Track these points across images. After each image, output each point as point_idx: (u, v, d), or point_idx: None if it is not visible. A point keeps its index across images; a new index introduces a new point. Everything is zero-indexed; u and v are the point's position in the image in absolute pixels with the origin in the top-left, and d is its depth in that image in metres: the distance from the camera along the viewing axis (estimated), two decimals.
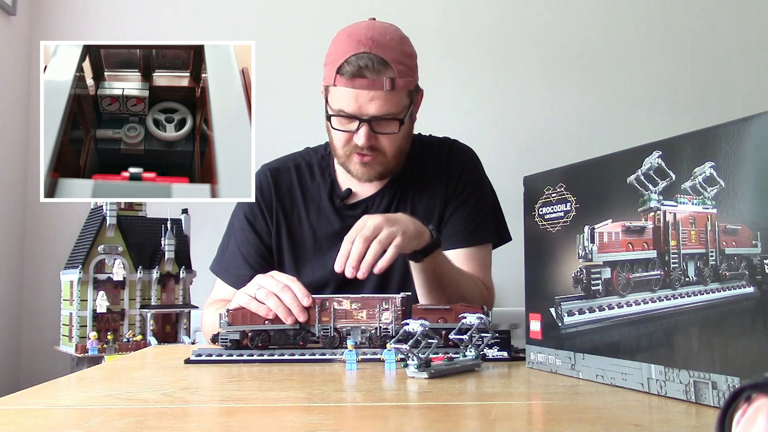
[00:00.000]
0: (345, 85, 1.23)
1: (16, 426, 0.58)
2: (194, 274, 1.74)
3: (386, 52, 1.23)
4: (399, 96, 1.25)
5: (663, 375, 0.67)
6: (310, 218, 1.38)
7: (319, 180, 1.41)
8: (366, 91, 1.22)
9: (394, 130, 1.27)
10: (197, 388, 0.76)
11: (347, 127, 1.27)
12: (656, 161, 0.69)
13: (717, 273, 0.63)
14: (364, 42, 1.23)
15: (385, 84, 1.22)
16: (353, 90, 1.22)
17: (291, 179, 1.41)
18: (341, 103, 1.24)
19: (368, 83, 1.22)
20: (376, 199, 1.39)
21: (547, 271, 0.85)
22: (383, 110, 1.23)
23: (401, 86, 1.24)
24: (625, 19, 2.24)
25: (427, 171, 1.41)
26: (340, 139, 1.29)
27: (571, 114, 2.20)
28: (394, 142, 1.29)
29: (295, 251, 1.38)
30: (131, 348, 1.55)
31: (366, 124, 1.24)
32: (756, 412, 0.33)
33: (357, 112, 1.23)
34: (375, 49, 1.22)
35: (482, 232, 1.39)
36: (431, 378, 0.80)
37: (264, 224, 1.39)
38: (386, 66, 1.22)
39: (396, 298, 1.03)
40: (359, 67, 1.21)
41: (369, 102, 1.22)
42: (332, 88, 1.26)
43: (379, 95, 1.22)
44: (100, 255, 1.61)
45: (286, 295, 1.03)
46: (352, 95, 1.22)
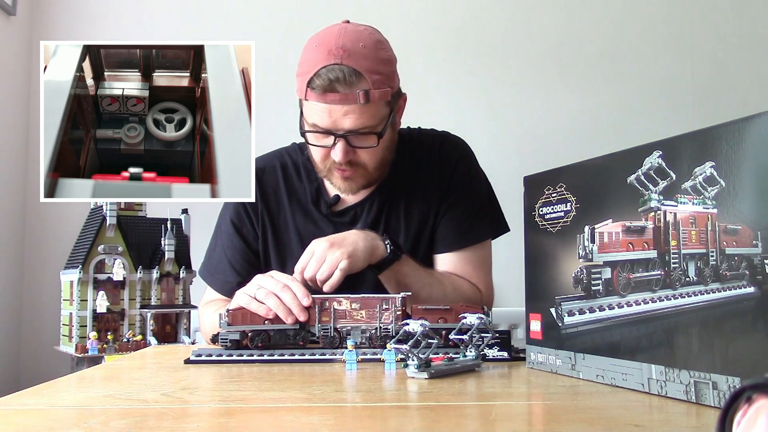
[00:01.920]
0: (317, 99, 1.15)
1: (16, 426, 0.58)
2: (194, 274, 1.74)
3: (359, 62, 1.14)
4: (375, 108, 1.17)
5: (663, 375, 0.67)
6: (296, 222, 1.33)
7: (306, 183, 1.35)
8: (339, 106, 1.14)
9: (372, 144, 1.19)
10: (197, 388, 0.76)
11: (323, 142, 1.20)
12: (656, 161, 0.69)
13: (717, 273, 0.63)
14: (335, 52, 1.14)
15: (360, 97, 1.13)
16: (325, 105, 1.15)
17: (277, 180, 1.35)
18: (314, 117, 1.17)
19: (341, 97, 1.14)
20: (365, 205, 1.33)
21: (548, 271, 0.85)
22: (358, 124, 1.16)
23: (376, 98, 1.15)
24: (625, 19, 2.24)
25: (420, 173, 1.35)
26: (318, 154, 1.23)
27: (571, 114, 2.20)
28: (374, 155, 1.22)
29: (281, 255, 1.34)
30: (131, 348, 1.55)
31: (342, 140, 1.17)
32: (756, 413, 0.33)
33: (331, 126, 1.16)
34: (347, 59, 1.14)
35: (476, 232, 1.34)
36: (431, 378, 0.80)
37: (251, 228, 1.34)
38: (359, 77, 1.14)
39: (396, 298, 1.03)
40: (330, 80, 1.13)
41: (343, 117, 1.15)
42: (305, 101, 1.19)
43: (353, 109, 1.14)
44: (100, 255, 1.61)
45: (286, 295, 1.04)
46: (325, 110, 1.15)
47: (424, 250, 1.34)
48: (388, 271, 1.20)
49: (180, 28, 2.15)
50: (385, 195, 1.33)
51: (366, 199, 1.32)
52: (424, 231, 1.33)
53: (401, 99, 1.28)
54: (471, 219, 1.33)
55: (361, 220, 1.31)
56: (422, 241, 1.33)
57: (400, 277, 1.22)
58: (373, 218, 1.32)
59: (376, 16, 2.17)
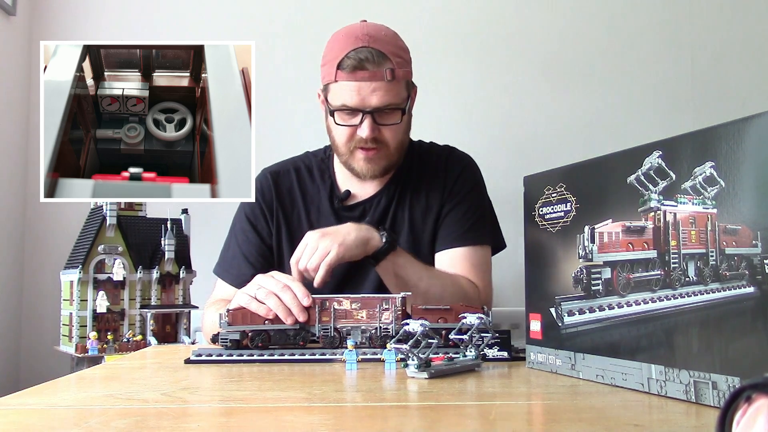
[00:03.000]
0: (347, 78, 1.25)
1: (16, 426, 0.58)
2: (194, 274, 1.74)
3: (384, 46, 1.27)
4: (399, 86, 1.28)
5: (663, 375, 0.67)
6: (310, 219, 1.40)
7: (318, 182, 1.43)
8: (368, 83, 1.25)
9: (396, 121, 1.30)
10: (197, 388, 0.76)
11: (350, 121, 1.29)
12: (656, 161, 0.69)
13: (717, 273, 0.63)
14: (362, 38, 1.26)
15: (386, 75, 1.25)
16: (355, 83, 1.25)
17: (291, 181, 1.43)
18: (344, 97, 1.27)
19: (369, 75, 1.25)
20: (374, 200, 1.41)
21: (548, 271, 0.85)
22: (385, 101, 1.26)
23: (401, 76, 1.28)
24: (625, 19, 2.24)
25: (426, 174, 1.42)
26: (342, 135, 1.31)
27: (571, 114, 2.20)
28: (396, 133, 1.31)
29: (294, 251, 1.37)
30: (131, 348, 1.55)
31: (369, 116, 1.26)
32: (756, 412, 0.33)
33: (360, 104, 1.26)
34: (373, 43, 1.26)
35: (477, 233, 1.39)
36: (431, 378, 0.80)
37: (265, 224, 1.41)
38: (385, 58, 1.26)
39: (396, 298, 1.03)
40: (360, 60, 1.24)
41: (371, 93, 1.25)
42: (333, 85, 1.28)
43: (380, 86, 1.25)
44: (100, 255, 1.61)
45: (286, 295, 1.04)
46: (355, 88, 1.25)
47: (427, 249, 1.38)
48: (385, 262, 1.21)
49: (180, 28, 2.15)
50: (393, 192, 1.40)
51: (375, 196, 1.40)
52: (426, 230, 1.38)
53: (413, 90, 1.38)
54: (473, 221, 1.38)
55: (369, 214, 1.38)
56: (424, 239, 1.38)
57: (398, 268, 1.23)
58: (380, 214, 1.39)
59: (375, 17, 2.17)
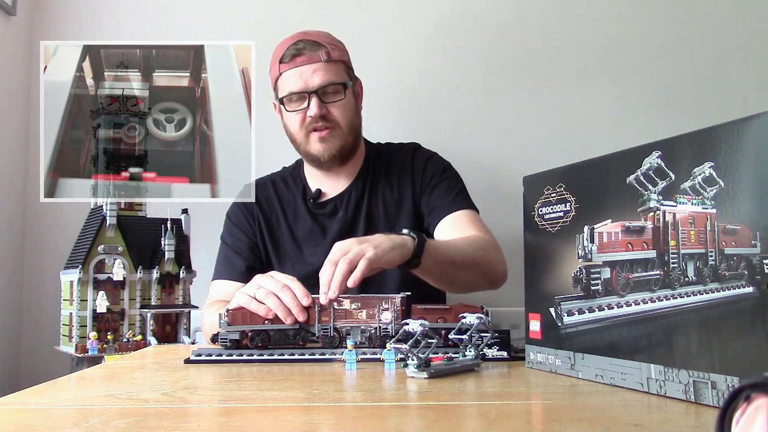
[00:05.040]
0: (288, 68, 1.40)
1: (16, 426, 0.58)
2: (194, 274, 1.74)
3: (317, 38, 1.43)
4: (337, 66, 1.42)
5: (662, 375, 0.67)
6: (288, 221, 1.52)
7: (292, 187, 1.57)
8: (308, 66, 1.39)
9: (341, 97, 1.42)
10: (197, 388, 0.76)
11: (299, 106, 1.41)
12: (656, 161, 0.69)
13: (716, 273, 0.63)
14: (296, 36, 1.43)
15: (322, 55, 1.40)
16: (296, 68, 1.39)
17: (269, 191, 1.57)
18: (289, 85, 1.40)
19: (307, 58, 1.39)
20: (344, 195, 1.52)
21: (547, 271, 0.85)
22: (326, 79, 1.39)
23: (336, 57, 1.42)
24: (625, 18, 2.24)
25: (394, 167, 1.54)
26: (295, 122, 1.43)
27: (571, 114, 2.19)
28: (344, 111, 1.43)
29: (277, 251, 1.51)
30: (131, 348, 1.54)
31: (315, 95, 1.39)
32: (755, 412, 0.33)
33: (304, 86, 1.39)
34: (306, 37, 1.42)
35: (466, 200, 1.48)
36: (431, 378, 0.80)
37: (248, 225, 1.54)
38: (320, 45, 1.41)
39: (396, 298, 1.03)
40: (297, 49, 1.40)
41: (312, 75, 1.39)
42: (279, 80, 1.43)
43: (319, 66, 1.39)
44: (100, 255, 1.61)
45: (285, 295, 1.04)
46: (297, 73, 1.39)
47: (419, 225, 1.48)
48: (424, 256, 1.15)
49: (180, 29, 2.15)
50: (362, 187, 1.52)
51: (344, 192, 1.52)
52: (400, 220, 1.49)
53: (358, 84, 1.51)
54: (458, 190, 1.50)
55: (342, 209, 1.50)
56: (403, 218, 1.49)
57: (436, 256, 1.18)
58: (354, 207, 1.50)
59: (374, 16, 2.17)
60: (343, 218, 1.49)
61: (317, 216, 1.52)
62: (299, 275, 1.43)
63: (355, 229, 1.49)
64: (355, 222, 1.49)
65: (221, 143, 2.13)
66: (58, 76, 2.12)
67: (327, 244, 1.46)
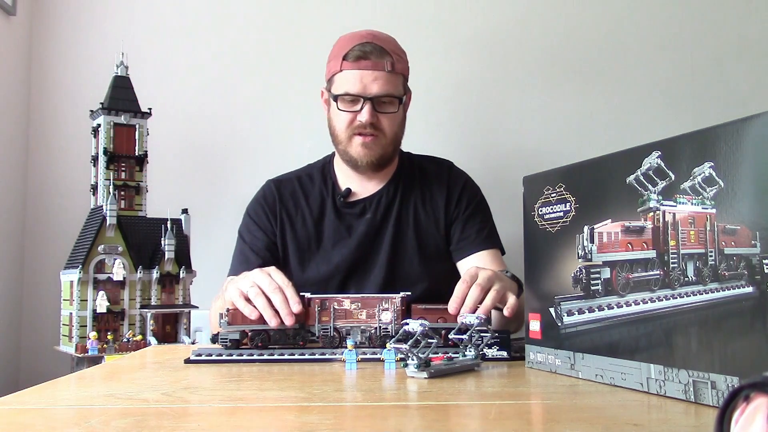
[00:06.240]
0: (351, 68, 1.37)
1: (16, 426, 0.58)
2: (194, 274, 1.74)
3: (385, 44, 1.40)
4: (397, 79, 1.41)
5: (662, 375, 0.67)
6: (313, 219, 1.48)
7: (320, 184, 1.52)
8: (370, 72, 1.37)
9: (394, 110, 1.41)
10: (197, 388, 0.76)
11: (352, 108, 1.39)
12: (656, 161, 0.70)
13: (716, 273, 0.63)
14: (365, 36, 1.40)
15: (386, 65, 1.37)
16: (358, 71, 1.37)
17: (294, 187, 1.52)
18: (347, 85, 1.38)
19: (372, 64, 1.37)
20: (374, 198, 1.49)
21: (547, 271, 0.85)
22: (384, 89, 1.37)
23: (399, 70, 1.40)
24: (624, 18, 2.24)
25: (428, 180, 1.52)
26: (343, 121, 1.41)
27: (571, 114, 2.20)
28: (393, 123, 1.42)
29: (300, 250, 1.47)
30: (131, 348, 1.55)
31: (369, 102, 1.37)
32: (755, 411, 0.33)
33: (362, 91, 1.37)
34: (375, 40, 1.39)
35: (495, 238, 1.50)
36: (431, 378, 0.80)
37: (267, 223, 1.49)
38: (386, 52, 1.38)
39: (396, 298, 1.03)
40: (364, 51, 1.37)
41: (372, 82, 1.37)
42: (337, 75, 1.39)
43: (381, 75, 1.37)
44: (100, 255, 1.61)
45: (276, 297, 1.03)
46: (357, 76, 1.37)
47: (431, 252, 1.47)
48: None
49: (180, 29, 2.15)
50: (393, 192, 1.49)
51: (375, 195, 1.49)
52: (430, 235, 1.48)
53: (409, 95, 1.49)
54: (489, 227, 1.51)
55: (370, 211, 1.48)
56: (429, 243, 1.48)
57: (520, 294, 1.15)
58: (383, 212, 1.48)
59: (375, 17, 2.17)
60: (371, 220, 1.47)
61: (345, 215, 1.48)
62: (323, 274, 1.45)
63: (382, 232, 1.47)
64: (383, 225, 1.47)
65: (239, 140, 2.13)
66: (58, 75, 2.12)
67: (353, 244, 1.45)
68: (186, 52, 2.15)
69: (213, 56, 2.15)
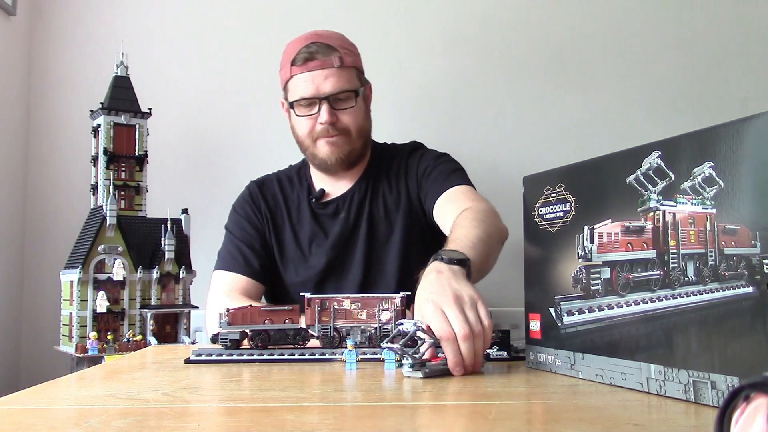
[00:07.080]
0: (300, 71, 1.38)
1: (16, 426, 0.58)
2: (194, 274, 1.74)
3: (330, 41, 1.40)
4: (349, 73, 1.40)
5: (662, 375, 0.67)
6: (291, 221, 1.50)
7: (297, 186, 1.55)
8: (320, 71, 1.37)
9: (352, 105, 1.40)
10: (197, 388, 0.76)
11: (310, 111, 1.39)
12: (656, 161, 0.69)
13: (716, 273, 0.63)
14: (309, 37, 1.40)
15: (335, 61, 1.37)
16: (308, 73, 1.37)
17: (274, 189, 1.55)
18: (300, 90, 1.38)
19: (320, 63, 1.37)
20: (347, 197, 1.50)
21: (547, 271, 0.85)
22: (338, 86, 1.37)
23: (350, 63, 1.40)
24: (624, 19, 2.24)
25: (393, 168, 1.52)
26: (304, 127, 1.41)
27: (571, 114, 2.19)
28: (354, 117, 1.41)
29: (281, 252, 1.49)
30: (131, 348, 1.54)
31: (326, 102, 1.37)
32: (755, 412, 0.33)
33: (315, 92, 1.37)
34: (320, 39, 1.40)
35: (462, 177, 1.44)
36: (426, 378, 0.80)
37: (255, 218, 1.51)
38: (332, 49, 1.38)
39: (396, 298, 1.03)
40: (310, 53, 1.37)
41: (324, 81, 1.37)
42: (290, 82, 1.41)
43: (331, 73, 1.37)
44: (100, 255, 1.61)
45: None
46: (308, 78, 1.37)
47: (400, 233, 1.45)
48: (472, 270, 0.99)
49: (180, 29, 2.15)
50: (365, 189, 1.50)
51: (347, 194, 1.50)
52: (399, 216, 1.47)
53: (368, 87, 1.49)
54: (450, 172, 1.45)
55: (344, 210, 1.48)
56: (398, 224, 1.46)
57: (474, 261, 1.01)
58: (356, 211, 1.48)
59: (374, 16, 2.17)
60: (344, 220, 1.48)
61: (319, 216, 1.50)
62: (303, 278, 1.45)
63: (356, 231, 1.47)
64: (357, 224, 1.48)
65: (226, 141, 2.13)
66: (58, 76, 2.12)
67: (328, 245, 1.45)
68: (186, 52, 2.15)
69: (213, 56, 2.15)
